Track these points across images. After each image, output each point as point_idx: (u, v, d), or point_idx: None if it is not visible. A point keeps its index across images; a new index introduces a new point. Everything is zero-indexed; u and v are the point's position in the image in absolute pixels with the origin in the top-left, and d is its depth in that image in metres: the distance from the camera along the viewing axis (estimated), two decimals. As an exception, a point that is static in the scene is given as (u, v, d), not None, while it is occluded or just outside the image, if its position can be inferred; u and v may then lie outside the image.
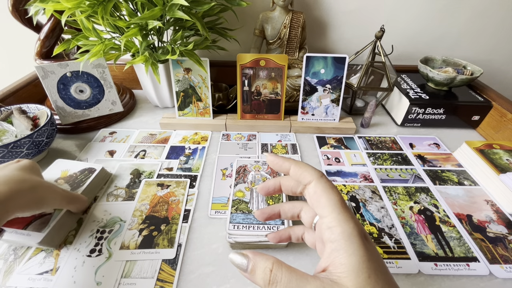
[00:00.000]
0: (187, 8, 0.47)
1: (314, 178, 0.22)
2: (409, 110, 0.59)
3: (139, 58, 0.47)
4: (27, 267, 0.34)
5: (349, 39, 0.72)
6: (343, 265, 0.18)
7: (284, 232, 0.26)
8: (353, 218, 0.20)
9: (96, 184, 0.44)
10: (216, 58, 0.70)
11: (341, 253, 0.18)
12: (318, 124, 0.60)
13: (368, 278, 0.17)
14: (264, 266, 0.19)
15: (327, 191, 0.21)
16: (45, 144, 0.47)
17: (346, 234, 0.19)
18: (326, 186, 0.21)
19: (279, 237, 0.26)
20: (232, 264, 0.21)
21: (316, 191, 0.21)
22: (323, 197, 0.21)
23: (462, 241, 0.38)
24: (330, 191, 0.21)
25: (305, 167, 0.23)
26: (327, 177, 0.22)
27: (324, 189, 0.21)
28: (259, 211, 0.27)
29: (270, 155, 0.25)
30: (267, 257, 0.20)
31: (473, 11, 0.67)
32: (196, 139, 0.57)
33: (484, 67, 0.65)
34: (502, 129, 0.57)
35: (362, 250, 0.18)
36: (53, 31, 0.56)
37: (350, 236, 0.18)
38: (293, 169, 0.23)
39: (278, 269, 0.19)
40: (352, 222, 0.19)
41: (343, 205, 0.20)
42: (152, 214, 0.41)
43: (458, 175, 0.49)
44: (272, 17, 0.61)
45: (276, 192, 0.26)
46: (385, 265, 0.19)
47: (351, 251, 0.18)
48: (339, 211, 0.20)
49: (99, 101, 0.59)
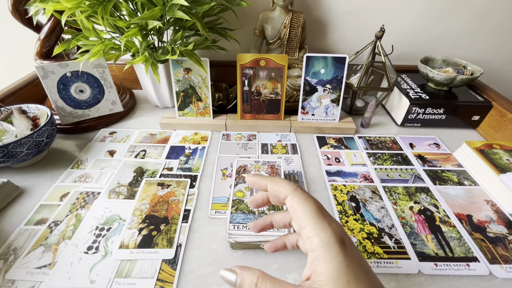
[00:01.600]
0: (187, 8, 0.47)
1: (289, 192, 0.23)
2: (409, 110, 0.59)
3: (139, 58, 0.47)
4: (26, 261, 0.34)
5: (349, 39, 0.72)
6: (323, 273, 0.18)
7: (279, 241, 0.27)
8: (330, 225, 0.20)
9: None
10: (216, 58, 0.70)
11: (320, 262, 0.19)
12: (318, 124, 0.60)
13: (347, 284, 0.18)
14: (250, 280, 0.20)
15: (302, 203, 0.22)
16: (45, 144, 0.47)
17: (324, 243, 0.19)
18: (301, 197, 0.22)
19: (275, 246, 0.27)
20: (223, 280, 0.22)
21: (293, 205, 0.22)
22: (299, 209, 0.21)
23: (462, 241, 0.38)
24: (305, 202, 0.21)
25: (280, 183, 0.23)
26: (302, 189, 0.23)
27: (299, 201, 0.22)
28: (253, 224, 0.27)
29: (249, 176, 0.26)
30: (253, 271, 0.21)
31: (473, 11, 0.67)
32: (196, 139, 0.58)
33: (484, 67, 0.65)
34: (502, 129, 0.57)
35: (341, 257, 0.19)
36: (53, 31, 0.56)
37: (328, 245, 0.19)
38: (270, 187, 0.24)
39: (263, 282, 0.20)
40: (329, 230, 0.20)
41: (319, 214, 0.21)
42: (152, 213, 0.41)
43: (458, 175, 0.49)
44: (272, 17, 0.61)
45: (265, 204, 0.27)
46: (367, 268, 0.20)
47: (330, 259, 0.19)
48: (315, 221, 0.20)
49: (99, 101, 0.59)
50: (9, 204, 0.42)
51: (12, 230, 0.38)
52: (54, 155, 0.52)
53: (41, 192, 0.44)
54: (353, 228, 0.39)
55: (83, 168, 0.49)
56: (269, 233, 0.34)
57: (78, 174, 0.48)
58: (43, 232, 0.38)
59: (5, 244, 0.36)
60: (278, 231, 0.35)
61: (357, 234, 0.39)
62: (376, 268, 0.34)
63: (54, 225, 0.39)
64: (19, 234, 0.38)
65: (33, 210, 0.41)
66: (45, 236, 0.37)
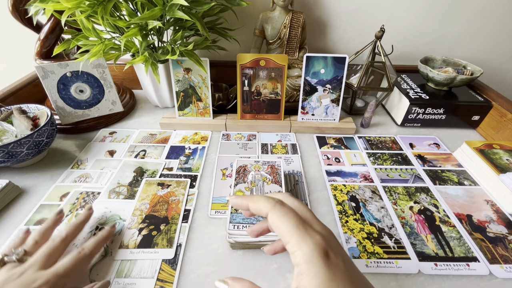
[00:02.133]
0: (187, 8, 0.47)
1: (268, 209, 0.22)
2: (409, 110, 0.59)
3: (139, 58, 0.47)
4: None
5: (349, 39, 0.72)
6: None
7: (278, 244, 0.27)
8: (313, 237, 0.20)
9: None
10: (216, 58, 0.70)
11: (304, 277, 0.19)
12: (318, 124, 0.60)
13: None
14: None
15: (282, 219, 0.21)
16: (45, 144, 0.47)
17: (307, 257, 0.19)
18: (280, 213, 0.22)
19: (274, 249, 0.27)
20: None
21: (273, 221, 0.22)
22: (280, 225, 0.21)
23: (462, 241, 0.38)
24: (284, 218, 0.21)
25: (259, 201, 0.23)
26: (282, 203, 0.23)
27: (279, 218, 0.21)
28: (250, 229, 0.28)
29: (231, 198, 0.26)
30: (243, 283, 0.21)
31: (473, 11, 0.67)
32: (196, 139, 0.58)
33: (484, 67, 0.65)
34: (502, 129, 0.57)
35: (324, 271, 0.19)
36: (53, 31, 0.56)
37: (311, 259, 0.19)
38: (251, 206, 0.24)
39: None
40: (311, 243, 0.20)
41: (300, 227, 0.21)
42: (152, 213, 0.41)
43: (458, 175, 0.49)
44: (272, 17, 0.61)
45: (264, 232, 0.27)
46: (354, 277, 0.20)
47: (313, 273, 0.19)
48: (297, 235, 0.20)
49: (99, 101, 0.59)
50: (9, 204, 0.42)
51: (12, 230, 0.38)
52: (54, 155, 0.52)
53: (41, 192, 0.44)
54: (353, 228, 0.39)
55: (83, 168, 0.49)
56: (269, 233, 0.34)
57: (78, 174, 0.48)
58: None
59: (5, 244, 0.36)
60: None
61: (357, 234, 0.39)
62: (376, 268, 0.34)
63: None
64: (19, 234, 0.38)
65: (33, 210, 0.41)
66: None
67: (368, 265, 0.35)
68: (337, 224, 0.40)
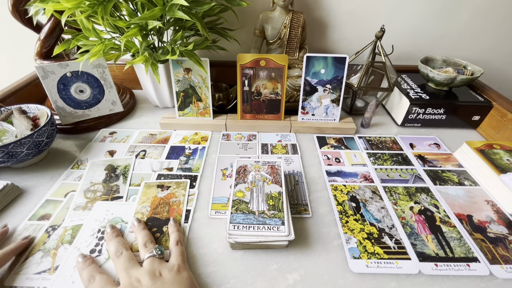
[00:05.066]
0: (187, 8, 0.47)
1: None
2: (409, 110, 0.59)
3: (139, 58, 0.47)
4: (25, 267, 0.34)
5: (349, 39, 0.72)
6: None
7: None
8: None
9: None
10: (216, 58, 0.70)
11: None
12: (318, 124, 0.60)
13: None
14: None
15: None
16: (45, 144, 0.47)
17: None
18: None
19: None
20: None
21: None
22: None
23: (463, 242, 0.38)
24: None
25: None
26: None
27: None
28: None
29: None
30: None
31: (473, 11, 0.67)
32: (196, 139, 0.57)
33: (484, 67, 0.65)
34: (503, 129, 0.57)
35: None
36: (53, 31, 0.56)
37: None
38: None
39: None
40: None
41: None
42: (154, 216, 0.41)
43: (459, 175, 0.49)
44: (272, 17, 0.61)
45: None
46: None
47: None
48: None
49: (99, 101, 0.59)
50: (9, 205, 0.42)
51: (12, 230, 0.38)
52: (54, 155, 0.52)
53: (41, 192, 0.44)
54: (353, 229, 0.39)
55: (83, 168, 0.49)
56: (269, 233, 0.34)
57: (78, 174, 0.48)
58: (41, 237, 0.37)
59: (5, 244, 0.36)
60: (277, 231, 0.35)
61: (357, 234, 0.38)
62: (376, 269, 0.34)
63: (52, 229, 0.38)
64: (19, 235, 0.38)
65: (33, 210, 0.41)
66: (43, 241, 0.37)
67: (368, 265, 0.35)
68: (337, 224, 0.40)
